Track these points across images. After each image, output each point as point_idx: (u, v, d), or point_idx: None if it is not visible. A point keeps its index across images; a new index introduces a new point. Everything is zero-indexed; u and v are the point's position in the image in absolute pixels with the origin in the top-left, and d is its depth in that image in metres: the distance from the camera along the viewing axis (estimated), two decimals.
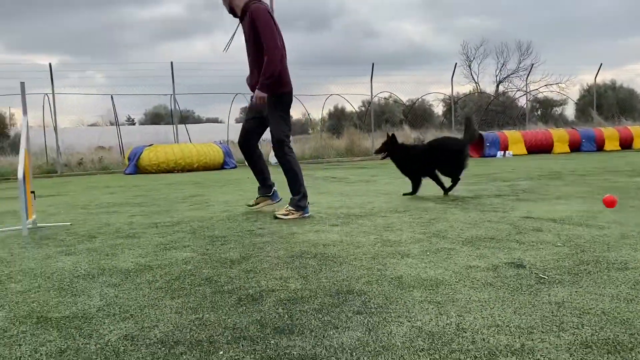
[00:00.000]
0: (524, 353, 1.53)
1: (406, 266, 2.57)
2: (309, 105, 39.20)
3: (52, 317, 2.01)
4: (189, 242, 3.38)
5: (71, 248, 3.36)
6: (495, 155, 14.96)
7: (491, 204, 4.68)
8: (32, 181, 4.44)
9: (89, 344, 1.72)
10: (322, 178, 8.92)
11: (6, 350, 1.70)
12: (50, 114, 15.68)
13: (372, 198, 5.49)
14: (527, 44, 37.57)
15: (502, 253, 2.77)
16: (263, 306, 2.04)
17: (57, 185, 10.17)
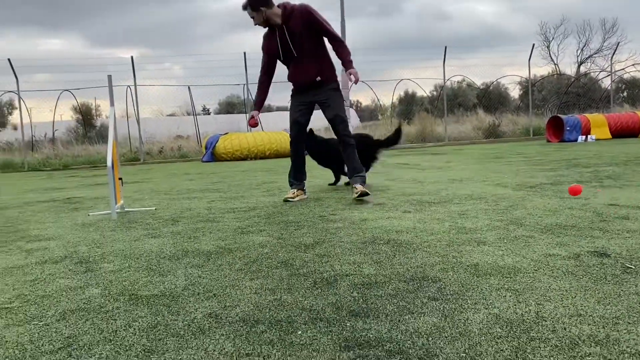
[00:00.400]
0: (609, 344, 1.48)
1: (482, 254, 2.53)
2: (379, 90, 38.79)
3: (142, 294, 2.16)
4: (265, 227, 3.49)
5: (156, 231, 3.56)
6: (577, 139, 14.20)
7: None
8: (119, 169, 4.73)
9: (177, 321, 1.84)
10: (393, 164, 8.86)
11: (104, 323, 1.85)
12: (132, 105, 16.54)
13: (445, 185, 5.41)
14: (613, 21, 35.26)
15: (585, 241, 2.66)
16: (338, 290, 2.09)
17: (140, 172, 10.74)
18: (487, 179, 5.69)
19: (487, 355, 1.45)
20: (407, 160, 9.91)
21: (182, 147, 16.65)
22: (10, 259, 2.94)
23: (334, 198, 4.80)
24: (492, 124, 18.46)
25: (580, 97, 23.79)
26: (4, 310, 2.05)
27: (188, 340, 1.66)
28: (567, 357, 1.42)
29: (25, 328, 1.85)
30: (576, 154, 9.17)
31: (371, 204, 4.25)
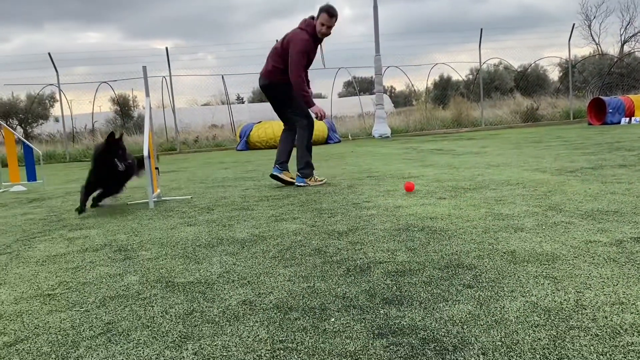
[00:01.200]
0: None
1: (519, 240, 2.47)
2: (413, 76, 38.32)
3: (178, 282, 2.20)
4: (298, 215, 3.50)
5: (192, 219, 3.62)
6: (620, 122, 13.71)
7: (614, 174, 4.33)
8: (156, 158, 4.81)
9: (212, 308, 1.87)
10: (427, 150, 8.75)
11: (141, 310, 1.90)
12: (168, 95, 16.78)
13: (481, 170, 5.31)
14: None
15: (628, 227, 2.57)
16: (371, 277, 2.08)
17: (176, 161, 10.93)
18: (525, 164, 5.56)
19: (524, 344, 1.42)
20: (441, 146, 9.76)
21: (216, 136, 16.84)
22: (54, 247, 3.04)
23: (368, 185, 4.77)
24: (530, 108, 17.99)
25: (624, 77, 22.90)
26: (47, 297, 2.13)
27: (223, 327, 1.68)
28: (608, 346, 1.37)
29: (67, 314, 1.91)
30: (619, 137, 8.85)
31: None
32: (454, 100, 19.21)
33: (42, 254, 2.88)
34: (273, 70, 4.99)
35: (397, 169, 5.97)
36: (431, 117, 17.85)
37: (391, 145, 11.24)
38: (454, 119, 17.64)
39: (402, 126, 17.20)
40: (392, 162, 6.88)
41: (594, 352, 1.35)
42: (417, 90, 23.08)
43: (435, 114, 18.27)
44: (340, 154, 9.16)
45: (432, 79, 24.78)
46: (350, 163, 7.27)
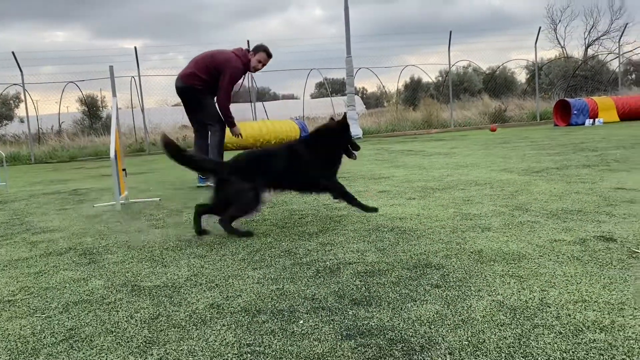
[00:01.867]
0: (614, 330, 1.46)
1: (487, 240, 2.51)
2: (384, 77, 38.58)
3: (145, 286, 2.16)
4: (269, 216, 3.48)
5: (160, 222, 3.56)
6: (584, 123, 14.07)
7: (578, 174, 4.43)
8: (123, 159, 4.72)
9: (179, 312, 1.83)
10: (398, 151, 8.82)
11: (105, 315, 1.85)
12: (137, 95, 16.52)
13: (450, 171, 5.37)
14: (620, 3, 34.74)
15: (591, 226, 2.63)
16: (341, 278, 2.08)
17: (146, 163, 10.76)
18: (493, 165, 5.65)
19: (489, 343, 1.43)
20: (412, 147, 9.85)
21: (187, 137, 16.63)
22: (16, 252, 2.94)
23: None
24: (498, 109, 18.31)
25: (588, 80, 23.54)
26: (7, 303, 2.06)
27: (189, 331, 1.66)
28: (571, 344, 1.40)
29: (28, 320, 1.85)
30: (584, 137, 9.08)
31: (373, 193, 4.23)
32: (424, 101, 19.43)
33: (3, 259, 2.79)
34: (192, 75, 5.17)
35: (368, 170, 6.00)
36: (402, 119, 18.00)
37: (362, 146, 11.27)
38: (424, 120, 17.82)
39: (374, 127, 17.30)
40: (363, 163, 6.90)
41: (558, 349, 1.37)
42: (388, 91, 23.28)
43: (405, 115, 18.44)
44: None
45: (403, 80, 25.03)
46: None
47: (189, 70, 5.17)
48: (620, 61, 21.89)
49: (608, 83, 22.72)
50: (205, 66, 5.12)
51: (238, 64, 5.08)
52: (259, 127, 13.83)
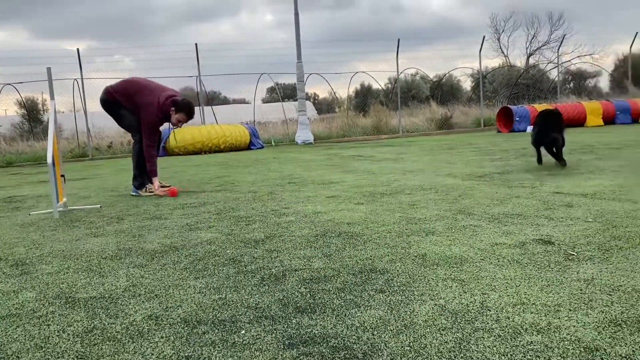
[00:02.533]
0: (550, 331, 1.49)
1: (431, 244, 2.53)
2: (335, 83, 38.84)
3: (80, 297, 2.06)
4: (214, 223, 3.41)
5: (100, 230, 3.42)
6: (525, 130, 14.60)
7: (519, 179, 4.58)
8: (62, 165, 4.53)
9: (115, 324, 1.75)
10: (348, 156, 8.87)
11: (35, 329, 1.75)
12: (80, 98, 15.95)
13: (398, 176, 5.44)
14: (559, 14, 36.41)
15: (530, 229, 2.71)
16: (286, 285, 2.05)
17: (88, 168, 10.38)
18: (438, 170, 5.76)
19: (431, 348, 1.44)
20: (361, 152, 9.94)
21: (131, 142, 16.20)
22: None
23: (288, 191, 4.75)
24: (444, 116, 18.77)
25: (529, 88, 24.51)
26: None
27: (125, 345, 1.58)
28: (509, 346, 1.42)
29: None
30: (525, 143, 9.41)
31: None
32: (374, 108, 19.68)
33: None
34: (113, 93, 5.14)
35: (318, 175, 6.00)
36: (352, 124, 18.17)
37: (314, 151, 11.30)
38: (374, 126, 18.05)
39: (325, 133, 17.37)
40: (314, 169, 6.90)
41: (497, 352, 1.39)
42: (339, 97, 23.44)
43: (356, 121, 18.62)
44: (262, 160, 9.08)
45: (354, 87, 25.30)
46: (272, 169, 7.21)
47: (112, 89, 5.17)
48: (559, 70, 22.91)
49: (548, 91, 23.72)
50: (128, 94, 5.12)
51: (153, 115, 5.02)
52: (208, 132, 13.61)
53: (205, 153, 13.16)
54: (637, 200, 3.29)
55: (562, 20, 33.29)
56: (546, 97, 22.66)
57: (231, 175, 6.77)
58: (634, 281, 1.86)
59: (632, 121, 15.99)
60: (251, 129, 14.66)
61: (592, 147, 7.62)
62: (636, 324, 1.51)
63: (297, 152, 11.48)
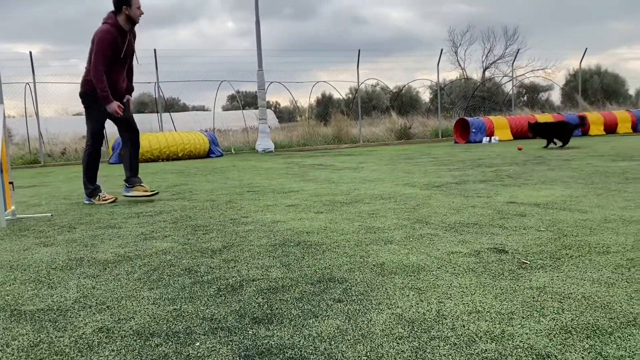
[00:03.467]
0: (504, 339, 1.51)
1: (389, 253, 2.55)
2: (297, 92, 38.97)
3: (26, 310, 1.97)
4: (170, 232, 3.33)
5: (50, 239, 3.30)
6: (481, 141, 14.99)
7: (475, 189, 4.68)
8: (10, 171, 4.35)
9: (63, 337, 1.68)
10: (309, 165, 8.88)
11: None
12: (32, 103, 15.42)
13: (357, 185, 5.47)
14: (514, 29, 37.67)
15: (485, 238, 2.76)
16: (243, 296, 2.01)
17: (39, 175, 10.02)
18: (397, 179, 5.83)
19: (388, 357, 1.44)
20: (322, 161, 9.97)
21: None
22: None
23: (248, 200, 4.70)
24: (403, 126, 19.06)
25: (485, 100, 25.19)
26: None
27: (73, 359, 1.52)
28: (464, 354, 1.43)
29: None
30: (481, 154, 9.65)
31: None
32: (335, 117, 19.81)
33: None
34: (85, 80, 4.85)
35: (278, 184, 5.97)
36: (313, 133, 18.22)
37: (274, 160, 11.26)
38: (335, 135, 18.16)
39: (286, 141, 17.36)
40: (274, 177, 6.87)
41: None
42: (300, 106, 23.49)
43: (317, 130, 18.69)
44: (221, 168, 8.98)
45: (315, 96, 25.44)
46: (232, 177, 7.14)
47: (84, 74, 4.85)
48: (514, 84, 23.64)
49: (503, 104, 24.45)
50: (88, 61, 4.78)
51: (105, 27, 4.68)
52: (165, 138, 13.38)
53: (162, 160, 12.93)
54: (586, 210, 3.41)
55: (516, 35, 34.53)
56: (501, 110, 23.34)
57: (189, 183, 6.66)
58: (584, 289, 1.91)
59: (581, 134, 16.62)
60: (210, 136, 14.50)
61: (544, 159, 7.88)
62: (585, 330, 1.55)
63: (258, 160, 11.41)
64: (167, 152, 13.10)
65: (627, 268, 2.14)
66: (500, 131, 15.59)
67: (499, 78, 29.04)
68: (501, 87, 27.12)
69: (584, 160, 7.21)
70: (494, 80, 28.81)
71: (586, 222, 3.04)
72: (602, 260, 2.26)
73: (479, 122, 15.50)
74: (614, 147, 9.87)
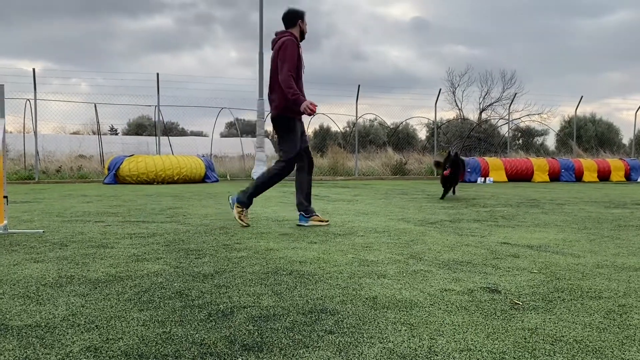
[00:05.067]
0: None
1: (381, 287, 2.54)
2: None
3: (13, 325, 1.94)
4: (163, 255, 3.31)
5: (41, 255, 3.27)
6: (476, 181, 15.09)
7: (469, 228, 4.69)
8: (5, 185, 4.34)
9: (50, 355, 1.66)
10: None
11: None
12: (31, 120, 15.46)
13: (352, 217, 5.48)
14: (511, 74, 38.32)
15: (478, 277, 2.76)
16: (233, 322, 2.00)
17: (33, 192, 9.98)
18: (392, 214, 5.84)
19: None
20: (317, 192, 9.98)
21: (83, 167, 15.74)
22: None
23: (240, 226, 4.69)
24: (399, 162, 19.19)
25: (481, 141, 25.45)
26: None
27: None
28: None
29: None
30: (475, 194, 9.70)
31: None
32: (332, 149, 19.94)
33: None
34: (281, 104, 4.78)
35: (272, 212, 5.96)
36: None
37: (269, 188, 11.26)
38: (331, 167, 18.24)
39: None
40: (269, 205, 6.87)
41: None
42: None
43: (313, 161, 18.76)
44: (216, 194, 8.97)
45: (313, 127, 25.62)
46: (226, 204, 7.13)
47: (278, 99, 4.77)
48: (510, 127, 23.94)
49: (498, 146, 24.69)
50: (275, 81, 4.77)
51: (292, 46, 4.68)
52: (162, 162, 13.39)
53: (158, 183, 12.91)
54: (579, 255, 3.42)
55: (514, 80, 35.03)
56: (496, 151, 23.56)
57: (183, 207, 6.65)
58: (575, 332, 1.91)
59: (575, 179, 16.78)
60: (207, 161, 14.53)
61: (538, 202, 7.93)
62: None
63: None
64: (162, 175, 13.09)
65: (619, 314, 2.14)
66: (495, 172, 15.71)
67: (495, 120, 29.43)
68: (497, 129, 27.44)
69: (577, 206, 7.25)
70: (490, 122, 29.17)
71: (579, 267, 3.04)
72: (595, 305, 2.26)
73: (474, 162, 15.63)
74: (607, 194, 9.96)
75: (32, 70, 14.67)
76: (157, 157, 13.76)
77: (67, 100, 17.32)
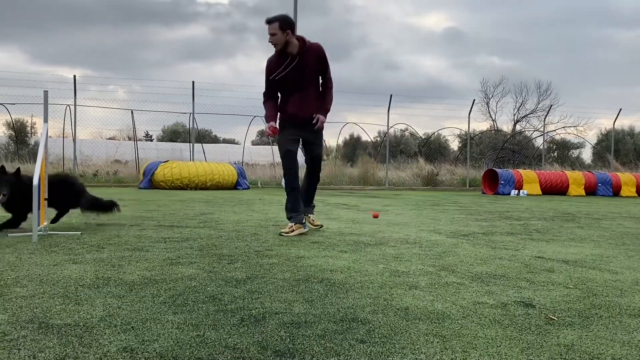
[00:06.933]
0: None
1: (413, 298, 2.53)
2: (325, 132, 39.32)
3: (53, 323, 2.00)
4: (196, 259, 3.37)
5: (79, 257, 3.36)
6: (510, 193, 14.83)
7: (503, 241, 4.62)
8: (46, 188, 4.48)
9: (88, 354, 1.71)
10: (334, 204, 8.90)
11: (5, 353, 1.69)
12: (70, 125, 15.93)
13: (382, 227, 5.46)
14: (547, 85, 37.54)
15: (512, 291, 2.72)
16: (265, 328, 2.02)
17: None
18: (423, 225, 5.79)
19: None
20: (347, 201, 9.98)
21: (118, 171, 16.13)
22: None
23: (272, 233, 4.73)
24: (431, 173, 19.03)
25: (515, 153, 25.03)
26: None
27: None
28: None
29: None
30: (509, 207, 9.54)
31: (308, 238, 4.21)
32: (362, 159, 19.94)
33: None
34: None
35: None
36: (339, 173, 18.32)
37: None
38: (361, 176, 18.22)
39: None
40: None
41: None
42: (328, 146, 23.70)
43: (343, 170, 18.80)
44: (247, 201, 9.06)
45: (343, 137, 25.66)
46: (257, 210, 7.20)
47: None
48: (545, 139, 23.49)
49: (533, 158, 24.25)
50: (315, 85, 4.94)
51: None
52: (196, 168, 13.62)
53: (191, 189, 13.12)
54: (616, 271, 3.33)
55: (549, 91, 34.20)
56: (530, 164, 23.15)
57: (216, 213, 6.74)
58: (614, 350, 1.86)
59: (612, 194, 16.33)
60: (239, 169, 14.70)
61: (573, 216, 7.75)
62: None
63: (283, 195, 11.47)
64: (196, 181, 13.30)
65: None
66: (529, 185, 15.42)
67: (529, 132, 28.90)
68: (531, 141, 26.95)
69: (615, 221, 7.06)
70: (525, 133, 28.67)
71: (616, 283, 2.97)
72: (634, 323, 2.20)
73: (508, 174, 15.38)
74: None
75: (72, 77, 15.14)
76: (190, 164, 14.00)
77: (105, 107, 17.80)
